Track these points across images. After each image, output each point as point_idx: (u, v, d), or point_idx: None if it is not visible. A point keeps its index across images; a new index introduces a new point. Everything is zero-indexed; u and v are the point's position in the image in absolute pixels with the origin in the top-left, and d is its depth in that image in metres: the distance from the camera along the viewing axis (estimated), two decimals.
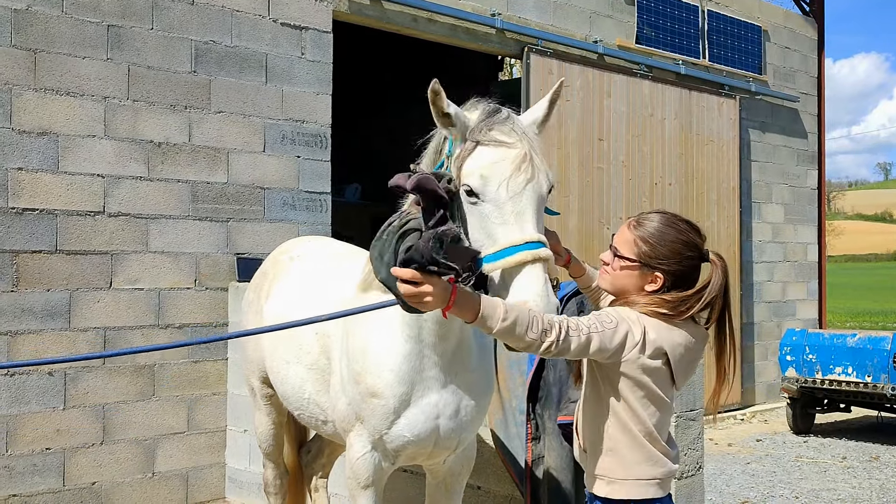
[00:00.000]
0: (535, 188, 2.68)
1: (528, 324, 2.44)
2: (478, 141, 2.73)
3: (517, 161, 2.68)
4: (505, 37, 8.96)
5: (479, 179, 2.68)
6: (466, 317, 2.46)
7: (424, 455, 3.39)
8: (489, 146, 2.71)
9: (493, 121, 2.76)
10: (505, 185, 2.65)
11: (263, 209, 7.11)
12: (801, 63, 12.68)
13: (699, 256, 2.73)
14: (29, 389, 5.97)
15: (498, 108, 2.84)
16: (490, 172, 2.67)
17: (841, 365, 9.39)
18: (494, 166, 2.67)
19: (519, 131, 2.74)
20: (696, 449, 4.09)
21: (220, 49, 6.90)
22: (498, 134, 2.72)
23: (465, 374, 3.29)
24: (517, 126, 2.77)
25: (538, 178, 2.69)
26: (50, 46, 6.11)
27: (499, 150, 2.70)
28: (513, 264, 2.55)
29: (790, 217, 12.44)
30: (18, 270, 5.96)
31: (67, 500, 6.12)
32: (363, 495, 3.36)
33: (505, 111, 2.82)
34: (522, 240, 2.58)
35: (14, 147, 5.96)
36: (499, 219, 2.64)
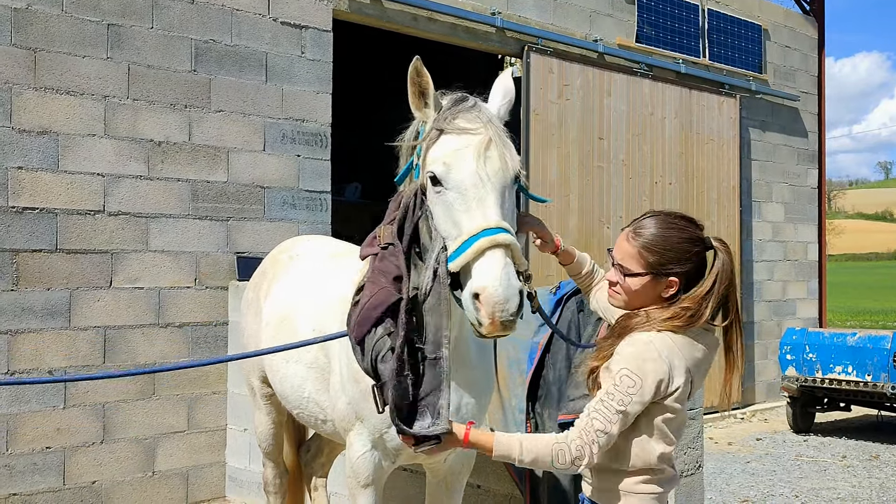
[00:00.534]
0: (498, 174, 2.66)
1: (552, 457, 2.42)
2: (442, 129, 2.74)
3: (480, 148, 2.67)
4: (505, 36, 8.96)
5: (443, 167, 2.69)
6: (486, 453, 2.51)
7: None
8: (453, 134, 2.72)
9: (459, 109, 2.76)
10: (467, 172, 2.65)
11: (263, 208, 7.11)
12: (801, 62, 12.67)
13: (704, 247, 2.66)
14: (29, 388, 5.97)
15: (465, 96, 2.84)
16: (453, 160, 2.68)
17: (841, 364, 9.39)
18: (457, 153, 2.68)
19: (484, 119, 2.73)
20: (695, 448, 4.09)
21: (220, 48, 6.90)
22: (462, 122, 2.72)
23: (465, 371, 3.28)
24: (482, 114, 2.76)
25: (502, 165, 2.68)
26: (50, 45, 6.11)
27: (462, 137, 2.70)
28: (472, 255, 2.54)
29: (790, 216, 12.44)
30: (19, 269, 5.96)
31: (68, 498, 6.12)
32: (363, 494, 3.36)
33: (472, 99, 2.82)
34: (481, 227, 2.57)
35: (14, 146, 5.96)
36: (462, 206, 2.64)
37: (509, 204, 2.70)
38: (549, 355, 4.25)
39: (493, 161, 2.67)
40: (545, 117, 9.14)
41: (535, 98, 9.05)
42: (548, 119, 9.17)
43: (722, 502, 6.97)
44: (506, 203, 2.67)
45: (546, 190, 9.11)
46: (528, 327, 4.34)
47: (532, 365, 4.27)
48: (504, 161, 2.68)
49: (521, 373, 4.34)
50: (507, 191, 2.69)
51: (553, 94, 9.23)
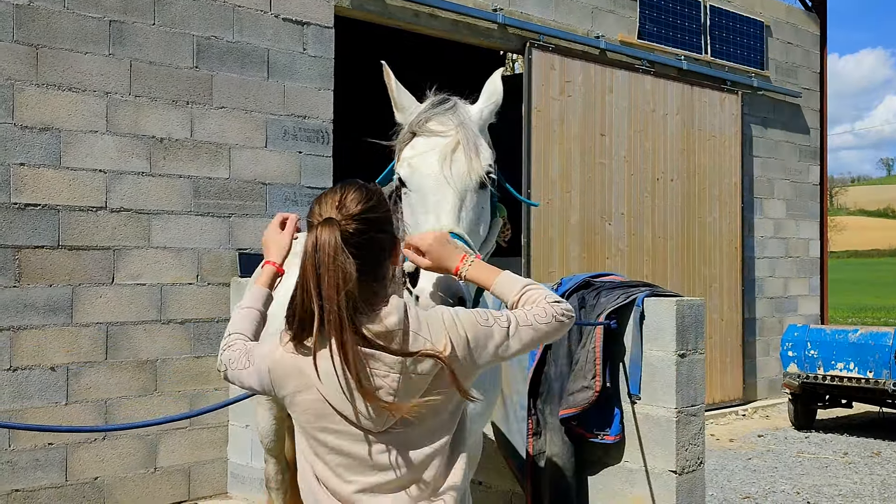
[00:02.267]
0: (461, 178, 2.64)
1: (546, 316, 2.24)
2: (414, 132, 2.74)
3: (445, 151, 2.66)
4: (507, 32, 8.95)
5: (408, 169, 2.70)
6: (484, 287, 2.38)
7: None
8: (423, 136, 2.72)
9: (434, 111, 2.75)
10: (428, 174, 2.64)
11: (265, 205, 7.11)
12: (803, 58, 12.66)
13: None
14: (31, 385, 5.98)
15: (446, 98, 2.82)
16: (417, 162, 2.68)
17: (843, 361, 9.39)
18: (422, 156, 2.68)
19: (456, 121, 2.71)
20: (697, 444, 4.09)
21: (222, 44, 6.89)
22: (435, 124, 2.72)
23: None
24: (457, 116, 2.73)
25: (467, 168, 2.65)
26: (52, 42, 6.11)
27: (430, 139, 2.70)
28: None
29: (792, 213, 12.43)
30: (21, 266, 5.96)
31: (70, 494, 6.13)
32: None
33: (452, 101, 2.80)
34: (429, 231, 2.53)
35: (16, 142, 5.97)
36: (422, 208, 2.65)
37: (472, 208, 2.66)
38: (551, 352, 4.26)
39: (458, 164, 2.65)
40: (547, 114, 9.14)
41: (537, 95, 9.04)
42: (549, 115, 9.17)
43: (723, 499, 6.98)
44: (466, 207, 2.63)
45: (548, 186, 9.10)
46: None
47: (534, 361, 4.28)
48: (470, 164, 2.65)
49: (522, 369, 4.35)
50: (470, 194, 2.65)
51: (555, 91, 9.23)
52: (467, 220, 2.63)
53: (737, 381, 11.22)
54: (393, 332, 2.06)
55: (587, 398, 4.03)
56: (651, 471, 4.03)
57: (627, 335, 4.10)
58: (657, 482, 4.02)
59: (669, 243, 10.42)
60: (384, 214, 2.18)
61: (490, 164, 2.71)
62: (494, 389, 3.50)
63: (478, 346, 2.13)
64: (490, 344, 2.14)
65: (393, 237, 2.21)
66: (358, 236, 2.09)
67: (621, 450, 4.14)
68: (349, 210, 2.12)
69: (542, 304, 2.24)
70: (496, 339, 2.15)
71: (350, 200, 2.13)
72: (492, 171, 2.72)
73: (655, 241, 10.25)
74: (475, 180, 2.66)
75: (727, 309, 11.09)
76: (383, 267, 2.16)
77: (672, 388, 3.97)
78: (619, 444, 4.13)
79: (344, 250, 2.04)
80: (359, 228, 2.10)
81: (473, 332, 2.13)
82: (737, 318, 11.24)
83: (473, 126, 2.76)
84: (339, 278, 2.01)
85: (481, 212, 2.71)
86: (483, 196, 2.72)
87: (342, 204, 2.13)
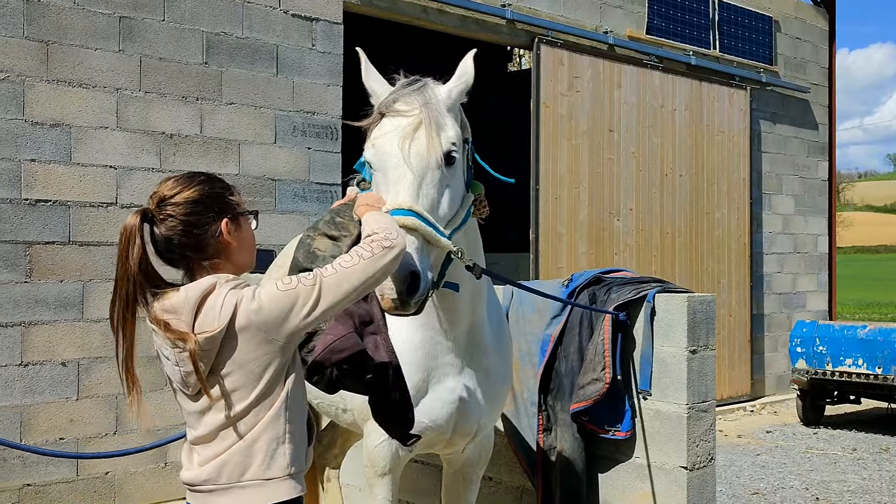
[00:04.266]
0: (420, 156, 2.68)
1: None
2: (382, 112, 2.78)
3: (407, 129, 2.70)
4: (515, 27, 8.95)
5: (372, 149, 2.76)
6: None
7: (443, 442, 3.40)
8: (388, 116, 2.76)
9: (402, 92, 2.79)
10: (389, 153, 2.69)
11: (275, 201, 7.12)
12: (812, 54, 12.62)
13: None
14: (42, 380, 6.00)
15: (416, 79, 2.86)
16: (380, 142, 2.73)
17: (851, 356, 9.37)
18: (385, 136, 2.73)
19: (422, 101, 2.75)
20: (707, 440, 4.09)
21: (232, 40, 6.90)
22: (401, 105, 2.76)
23: (481, 359, 3.31)
24: (422, 96, 2.77)
25: (428, 146, 2.69)
26: (62, 38, 6.13)
27: (395, 119, 2.74)
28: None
29: (800, 208, 12.40)
30: (32, 261, 5.99)
31: (81, 489, 6.16)
32: (380, 483, 3.38)
33: (422, 81, 2.84)
34: (389, 208, 2.61)
35: (27, 138, 5.98)
36: (384, 186, 2.71)
37: (434, 185, 2.70)
38: (562, 348, 4.26)
39: (418, 143, 2.69)
40: (555, 109, 9.13)
41: (546, 90, 9.04)
42: (558, 111, 9.16)
43: (732, 495, 6.98)
44: (427, 184, 2.68)
45: (556, 182, 9.10)
46: (541, 320, 4.36)
47: (544, 357, 4.28)
48: (430, 142, 2.69)
49: (533, 365, 4.35)
50: (432, 172, 2.70)
51: (563, 87, 9.22)
52: (428, 198, 2.68)
53: (745, 377, 11.21)
54: (178, 310, 2.32)
55: (598, 390, 4.03)
56: (662, 467, 4.04)
57: (638, 331, 4.10)
58: (668, 478, 4.02)
59: (678, 239, 10.41)
60: (200, 197, 2.41)
61: (453, 143, 2.74)
62: (506, 381, 3.51)
63: (283, 311, 2.28)
64: (297, 305, 2.28)
65: (216, 215, 2.42)
66: (167, 219, 2.37)
67: (632, 445, 4.14)
68: (160, 195, 2.40)
69: (355, 247, 2.38)
70: (303, 299, 2.28)
71: (166, 188, 2.42)
72: (454, 149, 2.74)
73: (664, 237, 10.25)
74: (436, 158, 2.70)
75: (735, 305, 11.08)
76: (200, 242, 2.40)
77: (683, 384, 3.97)
78: (630, 439, 4.13)
79: (139, 235, 2.34)
80: (169, 213, 2.37)
81: (272, 299, 2.29)
82: (745, 313, 11.22)
83: (440, 105, 2.79)
84: (131, 262, 2.32)
85: (445, 189, 2.74)
86: (449, 173, 2.75)
87: (157, 192, 2.42)
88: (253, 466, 2.34)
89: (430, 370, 3.22)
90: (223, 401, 2.35)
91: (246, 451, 2.34)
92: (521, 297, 4.49)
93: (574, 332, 4.21)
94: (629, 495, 4.14)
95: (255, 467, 2.34)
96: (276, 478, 2.35)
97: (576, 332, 4.20)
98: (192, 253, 2.41)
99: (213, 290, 2.34)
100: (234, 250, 2.50)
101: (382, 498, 3.38)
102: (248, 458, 2.34)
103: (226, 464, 2.34)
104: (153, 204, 2.40)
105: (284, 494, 2.36)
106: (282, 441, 2.37)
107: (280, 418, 2.37)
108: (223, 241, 2.45)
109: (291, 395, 2.40)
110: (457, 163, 2.78)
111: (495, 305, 3.50)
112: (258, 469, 2.34)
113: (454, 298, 3.10)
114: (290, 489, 2.37)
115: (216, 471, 2.34)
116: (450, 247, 2.74)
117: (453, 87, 2.90)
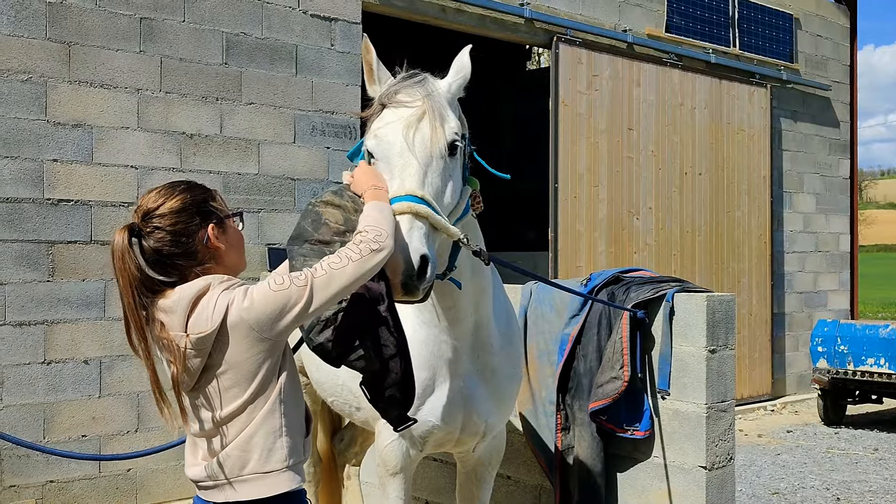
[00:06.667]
0: (424, 144, 2.68)
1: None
2: (384, 103, 2.79)
3: (411, 119, 2.70)
4: (534, 26, 8.94)
5: (374, 139, 2.76)
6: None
7: (452, 441, 3.41)
8: (390, 107, 2.77)
9: (403, 84, 2.79)
10: (393, 142, 2.69)
11: (294, 200, 7.15)
12: (833, 51, 12.53)
13: None
14: (65, 378, 6.06)
15: (416, 72, 2.87)
16: (383, 132, 2.73)
17: (873, 356, 9.30)
18: (388, 126, 2.73)
19: (424, 92, 2.75)
20: (727, 440, 4.08)
21: (251, 41, 6.94)
22: (403, 95, 2.76)
23: (487, 358, 3.30)
24: (424, 88, 2.77)
25: (431, 135, 2.69)
26: (84, 39, 6.18)
27: (398, 110, 2.74)
28: None
29: (822, 207, 12.32)
30: (54, 261, 6.05)
31: (103, 486, 6.22)
32: (392, 482, 3.38)
33: (423, 75, 2.84)
34: (394, 194, 2.61)
35: (49, 139, 6.05)
36: (388, 175, 2.69)
37: (438, 174, 2.70)
38: (580, 347, 4.26)
39: (423, 132, 2.69)
40: (574, 108, 9.12)
41: (564, 89, 9.02)
42: (577, 110, 9.14)
43: (752, 495, 6.95)
44: (432, 173, 2.68)
45: (575, 180, 9.09)
46: (559, 319, 4.35)
47: (563, 356, 4.27)
48: (434, 132, 2.69)
49: (551, 364, 4.35)
50: (436, 161, 2.70)
51: (582, 85, 9.20)
52: (433, 186, 2.67)
53: (765, 376, 11.15)
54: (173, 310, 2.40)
55: (616, 389, 4.03)
56: (681, 466, 4.03)
57: (657, 330, 4.09)
58: (687, 478, 4.01)
59: (697, 238, 10.37)
60: (183, 206, 2.47)
61: (456, 133, 2.75)
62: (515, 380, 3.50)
63: (275, 310, 2.34)
64: (289, 304, 2.34)
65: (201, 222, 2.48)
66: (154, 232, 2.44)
67: (651, 445, 4.13)
68: (144, 208, 2.47)
69: (344, 248, 2.42)
70: (294, 299, 2.34)
71: (149, 201, 2.48)
72: (458, 140, 2.75)
73: (683, 236, 10.21)
74: (440, 147, 2.70)
75: (756, 304, 11.02)
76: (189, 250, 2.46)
77: (702, 383, 3.96)
78: (649, 439, 4.12)
79: (130, 251, 2.39)
80: (156, 226, 2.44)
81: (264, 298, 2.35)
82: (765, 312, 11.16)
83: (441, 97, 2.79)
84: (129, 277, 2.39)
85: (449, 179, 2.75)
86: (451, 164, 2.76)
87: (140, 206, 2.49)
88: (252, 461, 2.42)
89: (437, 368, 3.23)
90: (219, 398, 2.43)
91: (244, 447, 2.43)
92: (539, 296, 4.49)
93: (593, 331, 4.20)
94: (647, 495, 4.14)
95: (254, 461, 2.42)
96: (274, 470, 2.44)
97: (594, 331, 4.19)
98: (182, 261, 2.47)
99: (206, 291, 2.41)
100: (223, 254, 2.55)
101: (395, 497, 3.39)
102: (246, 452, 2.43)
103: (226, 459, 2.44)
104: (138, 217, 2.47)
105: (284, 486, 2.45)
106: (279, 434, 2.45)
107: (275, 413, 2.44)
108: (212, 246, 2.51)
109: (286, 389, 2.47)
110: (458, 155, 2.80)
111: (503, 304, 3.50)
112: (257, 463, 2.42)
113: (456, 296, 3.10)
114: (288, 480, 2.46)
115: (218, 467, 2.45)
116: (458, 234, 2.74)
117: (452, 82, 2.91)
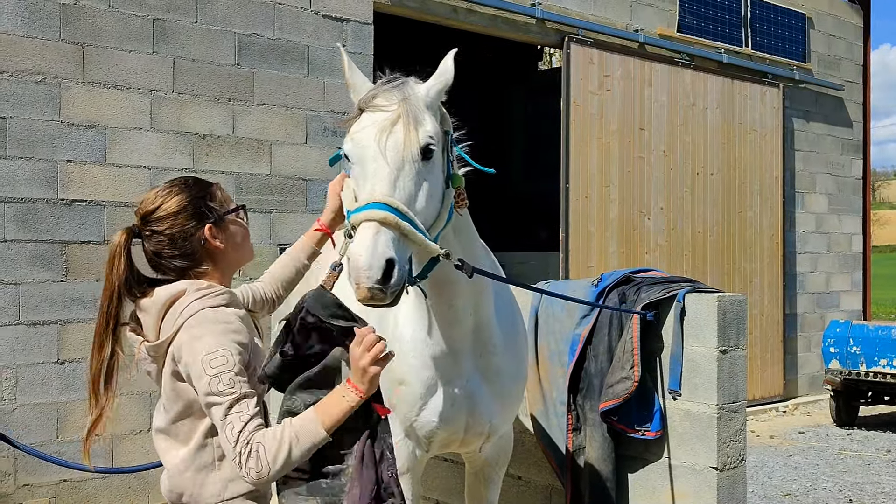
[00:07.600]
0: (397, 148, 2.67)
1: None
2: (362, 108, 2.79)
3: (385, 123, 2.70)
4: (545, 26, 8.93)
5: (350, 143, 2.76)
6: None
7: (457, 441, 3.41)
8: (367, 111, 2.77)
9: (381, 88, 2.79)
10: (367, 146, 2.69)
11: (306, 200, 7.18)
12: (846, 51, 12.47)
13: None
14: (78, 377, 6.10)
15: (396, 76, 2.86)
16: (358, 136, 2.73)
17: (886, 357, 9.26)
18: (363, 130, 2.73)
19: (400, 96, 2.75)
20: (738, 441, 4.07)
21: (263, 42, 6.96)
22: (380, 100, 2.76)
23: (490, 358, 3.31)
24: (401, 91, 2.77)
25: (405, 140, 2.68)
26: (97, 40, 6.22)
27: (374, 114, 2.74)
28: (350, 224, 2.61)
29: (834, 207, 12.27)
30: (68, 261, 6.08)
31: (115, 485, 6.25)
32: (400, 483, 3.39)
33: (402, 80, 2.84)
34: (364, 201, 2.60)
35: (63, 139, 6.08)
36: (362, 179, 2.70)
37: (411, 178, 2.69)
38: (591, 347, 4.26)
39: (395, 136, 2.69)
40: (585, 108, 9.11)
41: (576, 89, 9.02)
42: (588, 110, 9.14)
43: (764, 496, 6.93)
44: (404, 177, 2.67)
45: (586, 181, 9.08)
46: (570, 319, 4.36)
47: (573, 357, 4.28)
48: (408, 136, 2.69)
49: (562, 365, 4.35)
50: (409, 165, 2.69)
51: (593, 85, 9.19)
52: (405, 191, 2.66)
53: (777, 377, 11.12)
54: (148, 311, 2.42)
55: (626, 388, 4.03)
56: (692, 467, 4.02)
57: (668, 331, 4.09)
58: (698, 479, 4.01)
59: (709, 238, 10.34)
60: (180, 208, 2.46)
61: (431, 137, 2.73)
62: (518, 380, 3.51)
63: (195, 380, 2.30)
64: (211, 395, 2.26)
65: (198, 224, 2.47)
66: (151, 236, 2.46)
67: (662, 446, 4.13)
68: (143, 210, 2.49)
69: (234, 438, 2.23)
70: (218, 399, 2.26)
71: (148, 202, 2.49)
72: (432, 143, 2.73)
73: (695, 236, 10.19)
74: (413, 152, 2.69)
75: (768, 304, 10.98)
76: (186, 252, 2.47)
77: (713, 384, 3.96)
78: (660, 440, 4.12)
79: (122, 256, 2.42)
80: (153, 229, 2.46)
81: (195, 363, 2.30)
82: (777, 313, 11.12)
83: (418, 101, 2.78)
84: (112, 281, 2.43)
85: (423, 183, 2.73)
86: (426, 168, 2.74)
87: (140, 207, 2.50)
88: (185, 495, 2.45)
89: (437, 369, 3.24)
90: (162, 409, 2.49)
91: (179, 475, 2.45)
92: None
93: (604, 331, 4.20)
94: (658, 495, 4.14)
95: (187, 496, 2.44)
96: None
97: (605, 331, 4.20)
98: (182, 262, 2.48)
99: (180, 296, 2.40)
100: (224, 252, 2.54)
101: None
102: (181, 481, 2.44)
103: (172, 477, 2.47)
104: (138, 219, 2.50)
105: None
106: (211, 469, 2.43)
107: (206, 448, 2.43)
108: (210, 247, 2.51)
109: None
110: (435, 158, 2.78)
111: (506, 303, 3.51)
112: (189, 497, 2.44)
113: (453, 297, 3.12)
114: None
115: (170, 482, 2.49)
116: (430, 247, 2.71)
117: (432, 86, 2.89)
